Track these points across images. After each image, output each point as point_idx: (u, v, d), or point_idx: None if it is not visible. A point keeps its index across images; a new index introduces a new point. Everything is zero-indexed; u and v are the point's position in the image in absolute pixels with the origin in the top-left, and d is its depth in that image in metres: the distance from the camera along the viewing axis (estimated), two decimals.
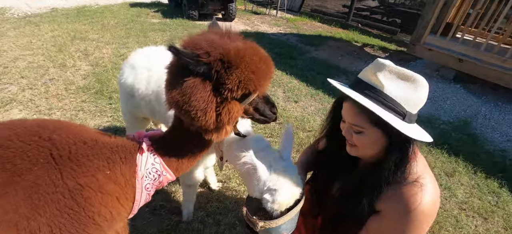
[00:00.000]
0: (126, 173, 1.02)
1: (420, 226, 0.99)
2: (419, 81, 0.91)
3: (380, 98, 0.92)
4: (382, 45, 6.73)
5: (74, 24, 5.26)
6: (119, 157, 1.02)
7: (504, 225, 2.14)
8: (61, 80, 3.46)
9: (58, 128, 0.97)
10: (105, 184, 0.95)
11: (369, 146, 1.01)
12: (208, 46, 0.87)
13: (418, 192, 0.96)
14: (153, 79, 1.56)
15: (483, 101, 4.02)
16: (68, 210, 0.91)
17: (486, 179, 2.56)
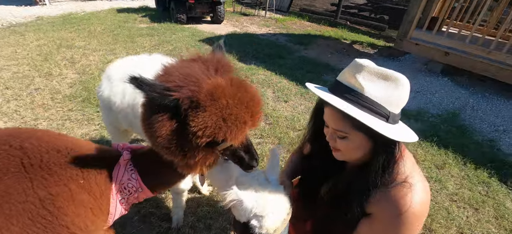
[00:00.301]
0: (101, 184, 0.99)
1: (412, 227, 0.97)
2: (400, 79, 0.89)
3: (361, 101, 0.89)
4: (371, 41, 6.79)
5: (60, 32, 5.17)
6: (95, 167, 0.98)
7: (495, 215, 2.16)
8: (47, 90, 3.39)
9: (31, 136, 0.94)
10: (78, 193, 0.92)
11: (353, 151, 1.00)
12: (181, 79, 0.77)
13: (408, 193, 0.94)
14: (127, 92, 1.50)
15: (470, 93, 4.08)
16: (41, 219, 0.89)
17: (475, 169, 2.59)
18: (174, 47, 4.79)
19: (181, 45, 4.94)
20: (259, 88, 3.68)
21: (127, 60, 1.69)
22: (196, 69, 0.82)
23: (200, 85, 0.77)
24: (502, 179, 2.52)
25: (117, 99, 1.53)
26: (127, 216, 1.85)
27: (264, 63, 4.43)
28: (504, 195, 2.36)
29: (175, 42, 5.05)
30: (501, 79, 3.89)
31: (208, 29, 6.30)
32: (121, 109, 1.53)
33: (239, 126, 0.81)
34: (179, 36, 5.42)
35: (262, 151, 2.51)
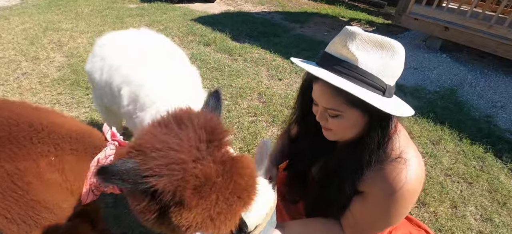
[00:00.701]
0: (74, 165, 0.94)
1: (406, 204, 0.95)
2: (396, 47, 0.81)
3: (356, 74, 0.81)
4: (369, 19, 6.62)
5: (46, 14, 4.97)
6: (70, 147, 0.94)
7: (489, 188, 2.16)
8: (35, 74, 3.29)
9: (1, 107, 0.91)
10: (48, 171, 0.89)
11: (348, 129, 0.92)
12: (162, 163, 0.63)
13: (403, 169, 0.90)
14: (105, 70, 1.45)
15: (469, 69, 4.01)
16: (12, 193, 0.87)
17: (471, 145, 2.57)
18: (165, 27, 4.64)
19: (172, 25, 4.78)
20: (254, 67, 3.59)
21: (110, 35, 1.62)
22: (184, 144, 0.66)
23: (185, 176, 0.63)
24: (497, 154, 2.51)
25: (97, 76, 1.49)
26: (120, 196, 1.82)
27: (258, 42, 4.31)
28: (499, 169, 2.36)
29: (166, 22, 4.89)
30: (501, 55, 3.82)
31: (200, 8, 6.09)
32: (99, 86, 1.50)
33: (229, 222, 0.71)
34: (170, 15, 5.23)
35: (256, 129, 2.47)
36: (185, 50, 3.97)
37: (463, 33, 3.92)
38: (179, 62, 1.54)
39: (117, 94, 1.40)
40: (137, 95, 1.33)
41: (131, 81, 1.36)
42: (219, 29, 4.73)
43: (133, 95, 1.35)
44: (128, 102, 1.36)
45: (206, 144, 0.68)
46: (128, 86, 1.36)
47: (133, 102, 1.35)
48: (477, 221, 1.91)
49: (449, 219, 1.86)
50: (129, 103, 1.36)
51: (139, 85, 1.33)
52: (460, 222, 1.87)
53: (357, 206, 1.02)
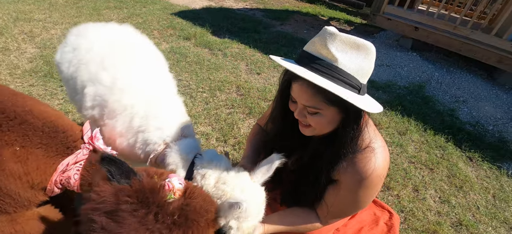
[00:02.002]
0: (39, 159, 0.93)
1: (374, 189, 1.05)
2: (369, 49, 0.87)
3: (335, 74, 0.84)
4: (348, 18, 6.84)
5: (16, 4, 4.74)
6: (40, 141, 0.93)
7: (448, 174, 2.35)
8: (4, 65, 3.15)
9: None
10: (9, 161, 0.88)
11: (326, 125, 0.98)
12: None
13: (372, 157, 0.99)
14: (73, 63, 1.32)
15: (436, 67, 4.28)
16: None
17: (434, 135, 2.77)
18: (144, 20, 4.57)
19: (152, 18, 4.72)
20: (233, 61, 3.63)
21: (92, 26, 1.48)
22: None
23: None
24: (457, 144, 2.72)
25: (64, 68, 1.37)
26: None
27: (238, 37, 4.35)
28: (458, 157, 2.56)
29: (146, 15, 4.81)
30: (465, 54, 4.10)
31: (181, 2, 6.04)
32: (66, 79, 1.38)
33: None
34: (150, 9, 5.16)
35: (233, 120, 2.52)
36: (165, 44, 3.94)
37: (431, 33, 4.18)
38: (158, 67, 1.43)
39: (80, 93, 1.27)
40: (105, 100, 1.19)
41: (99, 80, 1.20)
42: (199, 24, 4.72)
43: (99, 98, 1.20)
44: (92, 105, 1.22)
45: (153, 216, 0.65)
46: (94, 86, 1.21)
47: (99, 107, 1.21)
48: (436, 202, 2.08)
49: (410, 201, 2.01)
50: (93, 107, 1.22)
51: (108, 88, 1.19)
52: (420, 204, 2.02)
53: (331, 194, 1.10)
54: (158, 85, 1.32)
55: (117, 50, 1.33)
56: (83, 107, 1.24)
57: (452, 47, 4.13)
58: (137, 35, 1.51)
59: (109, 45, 1.34)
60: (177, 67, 3.28)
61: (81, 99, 1.25)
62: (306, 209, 1.20)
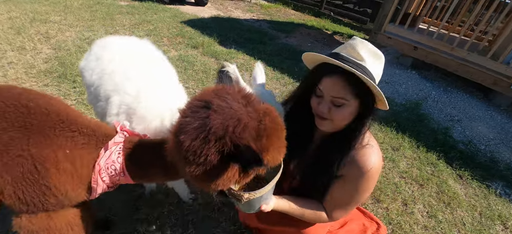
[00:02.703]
0: (84, 157, 1.07)
1: (373, 182, 1.19)
2: (383, 58, 1.06)
3: (364, 72, 1.00)
4: (351, 33, 7.02)
5: (33, 4, 4.96)
6: (82, 141, 1.07)
7: (437, 190, 2.46)
8: (20, 64, 3.32)
9: (37, 97, 1.04)
10: (62, 162, 1.02)
11: (346, 118, 1.09)
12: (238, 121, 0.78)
13: (372, 153, 1.13)
14: (96, 71, 1.44)
15: (434, 86, 4.42)
16: (29, 175, 0.99)
17: (426, 152, 2.89)
18: (154, 27, 4.76)
19: (162, 25, 4.91)
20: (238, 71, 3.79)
21: (113, 38, 1.62)
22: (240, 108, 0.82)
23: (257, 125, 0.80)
24: (448, 161, 2.84)
25: (87, 74, 1.50)
26: None
27: (244, 48, 4.53)
28: (448, 174, 2.68)
29: (156, 22, 5.01)
30: (461, 75, 4.24)
31: (191, 11, 6.26)
32: (87, 85, 1.53)
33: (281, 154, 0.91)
34: (161, 16, 5.37)
35: None
36: (173, 51, 4.12)
37: (429, 53, 4.33)
38: (173, 80, 1.57)
39: (104, 101, 1.38)
40: (133, 108, 1.31)
41: (126, 91, 1.32)
42: (207, 33, 4.91)
43: (125, 107, 1.32)
44: (118, 112, 1.33)
45: (250, 104, 0.83)
46: (119, 95, 1.33)
47: (125, 114, 1.33)
48: (424, 217, 2.20)
49: (399, 215, 2.13)
50: (118, 114, 1.34)
51: (136, 99, 1.32)
52: (408, 217, 2.14)
53: (337, 188, 1.22)
54: (174, 97, 1.46)
55: (141, 63, 1.48)
56: (109, 114, 1.36)
57: (449, 67, 4.27)
58: (155, 50, 1.66)
59: (133, 58, 1.49)
60: (184, 75, 3.45)
61: (106, 108, 1.38)
62: (312, 199, 1.29)
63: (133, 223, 1.76)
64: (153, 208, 1.84)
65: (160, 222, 1.78)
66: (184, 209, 1.87)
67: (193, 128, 0.76)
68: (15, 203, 1.02)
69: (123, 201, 1.86)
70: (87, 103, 2.79)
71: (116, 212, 1.80)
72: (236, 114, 0.76)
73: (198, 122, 0.77)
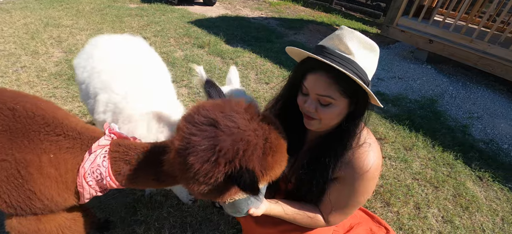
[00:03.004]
0: (68, 162, 1.03)
1: (373, 182, 1.11)
2: (377, 51, 0.95)
3: (351, 67, 0.90)
4: (363, 28, 6.80)
5: (47, 10, 5.13)
6: (67, 145, 1.04)
7: (454, 193, 2.30)
8: (33, 68, 3.42)
9: (26, 100, 1.02)
10: (46, 166, 0.99)
11: (335, 117, 1.01)
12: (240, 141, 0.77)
13: (370, 152, 1.06)
14: (87, 69, 1.47)
15: (452, 81, 4.17)
16: (14, 180, 0.98)
17: (443, 152, 2.72)
18: (162, 28, 4.79)
19: (169, 26, 4.94)
20: (243, 70, 3.74)
21: (103, 38, 1.66)
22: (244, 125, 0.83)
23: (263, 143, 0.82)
24: (467, 162, 2.65)
25: (79, 72, 1.53)
26: None
27: (250, 47, 4.47)
28: (466, 175, 2.50)
29: (164, 23, 5.05)
30: (481, 68, 3.98)
31: (199, 11, 6.27)
32: (79, 82, 1.55)
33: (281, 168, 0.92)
34: (169, 17, 5.40)
35: None
36: (180, 51, 4.13)
37: (446, 46, 4.09)
38: (165, 78, 1.59)
39: (92, 98, 1.41)
40: (120, 108, 1.32)
41: (112, 90, 1.33)
42: (214, 32, 4.89)
43: (111, 105, 1.33)
44: (105, 109, 1.35)
45: (254, 119, 0.83)
46: (106, 94, 1.34)
47: (112, 113, 1.34)
48: (438, 222, 2.05)
49: (410, 219, 1.99)
50: (105, 112, 1.35)
51: (123, 97, 1.32)
52: (421, 222, 2.00)
53: (333, 191, 1.15)
54: (162, 95, 1.46)
55: (131, 63, 1.48)
56: (95, 112, 1.38)
57: (468, 61, 4.01)
58: (146, 47, 1.66)
59: (123, 57, 1.50)
60: (189, 75, 3.43)
61: (94, 106, 1.39)
62: (308, 203, 1.22)
63: (132, 225, 1.74)
64: (152, 210, 1.82)
65: (158, 224, 1.75)
66: (183, 211, 1.84)
67: (202, 150, 0.74)
68: (2, 206, 1.01)
69: (123, 203, 1.85)
70: None
71: (116, 214, 1.79)
72: (245, 136, 0.76)
73: (206, 143, 0.75)
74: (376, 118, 3.12)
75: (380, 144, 2.73)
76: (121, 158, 1.05)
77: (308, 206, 1.21)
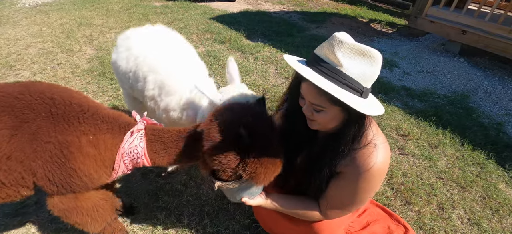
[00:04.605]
0: (108, 142, 1.18)
1: (374, 182, 1.12)
2: (375, 57, 0.93)
3: (339, 77, 0.92)
4: (390, 20, 6.50)
5: (80, 11, 5.48)
6: (107, 127, 1.18)
7: (483, 195, 2.16)
8: (68, 65, 3.70)
9: (61, 91, 1.16)
10: (86, 146, 1.12)
11: (329, 122, 1.06)
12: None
13: (373, 152, 1.07)
14: (131, 59, 1.74)
15: (487, 75, 3.88)
16: (57, 159, 1.11)
17: (472, 151, 2.56)
18: (185, 25, 4.94)
19: (192, 23, 5.07)
20: (263, 65, 3.76)
21: (132, 31, 1.89)
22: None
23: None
24: (500, 162, 2.47)
25: (122, 64, 1.78)
26: (131, 173, 2.10)
27: (271, 41, 4.46)
28: (498, 177, 2.34)
29: (187, 20, 5.19)
30: None
31: (220, 7, 6.35)
32: (124, 72, 1.80)
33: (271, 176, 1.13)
34: (192, 14, 5.54)
35: None
36: (201, 47, 4.23)
37: (481, 37, 3.80)
38: (191, 55, 1.86)
39: (142, 80, 1.72)
40: (163, 82, 1.65)
41: (157, 71, 1.67)
42: (235, 28, 4.94)
43: (159, 82, 1.67)
44: (153, 87, 1.69)
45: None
46: (154, 74, 1.68)
47: (158, 88, 1.69)
48: (464, 224, 1.95)
49: (433, 219, 1.91)
50: (154, 88, 1.69)
51: (166, 75, 1.65)
52: (444, 223, 1.91)
53: (333, 185, 1.19)
54: (194, 71, 1.76)
55: (165, 46, 1.77)
56: (146, 89, 1.71)
57: (506, 53, 3.70)
58: (171, 32, 1.92)
59: (157, 43, 1.79)
60: (210, 70, 3.50)
61: (143, 86, 1.72)
62: (309, 198, 1.29)
63: (154, 211, 1.85)
64: (173, 197, 1.92)
65: (178, 211, 1.85)
66: (201, 200, 1.92)
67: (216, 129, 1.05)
68: (46, 184, 1.15)
69: (146, 190, 1.97)
70: (121, 99, 3.01)
71: (139, 200, 1.91)
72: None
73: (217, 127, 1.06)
74: (400, 114, 3.00)
75: (404, 140, 2.62)
76: (157, 140, 1.23)
77: (305, 200, 1.27)
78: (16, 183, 1.09)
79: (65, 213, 1.24)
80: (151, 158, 1.24)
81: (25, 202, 1.84)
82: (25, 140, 1.05)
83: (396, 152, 2.51)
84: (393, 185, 2.14)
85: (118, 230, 1.53)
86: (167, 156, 1.25)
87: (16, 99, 1.06)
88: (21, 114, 1.06)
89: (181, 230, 1.74)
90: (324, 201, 1.23)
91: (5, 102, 1.05)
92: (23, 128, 1.05)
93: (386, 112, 2.99)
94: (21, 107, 1.06)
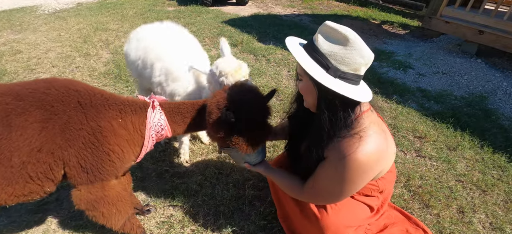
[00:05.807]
0: (135, 122, 1.28)
1: (354, 173, 1.15)
2: (350, 41, 1.02)
3: (313, 52, 1.09)
4: (403, 21, 6.40)
5: (97, 16, 5.65)
6: (130, 110, 1.27)
7: (505, 198, 2.09)
8: (86, 68, 3.81)
9: (81, 83, 1.24)
10: (118, 128, 1.22)
11: (307, 93, 1.18)
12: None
13: (356, 142, 1.10)
14: (140, 48, 1.94)
15: (506, 76, 3.76)
16: (90, 145, 1.17)
17: (493, 153, 2.48)
18: (197, 29, 5.01)
19: (205, 27, 5.14)
20: (276, 67, 3.77)
21: (144, 26, 2.10)
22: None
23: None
24: None
25: (131, 53, 1.99)
26: (147, 173, 2.13)
27: (282, 44, 4.47)
28: None
29: (199, 24, 5.27)
30: None
31: (232, 11, 6.42)
32: (133, 61, 1.99)
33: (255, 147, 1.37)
34: (204, 18, 5.62)
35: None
36: (214, 50, 4.28)
37: (499, 37, 3.69)
38: (196, 47, 2.01)
39: (149, 68, 1.90)
40: (170, 70, 1.82)
41: (163, 59, 1.84)
42: (247, 31, 4.98)
43: (164, 69, 1.84)
44: (160, 73, 1.85)
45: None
46: (160, 62, 1.84)
47: (165, 75, 1.84)
48: (486, 228, 1.88)
49: (453, 223, 1.86)
50: (160, 75, 1.86)
51: (171, 62, 1.82)
52: (465, 227, 1.86)
53: (319, 168, 1.26)
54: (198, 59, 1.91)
55: (171, 38, 1.96)
56: (153, 76, 1.88)
57: None
58: (176, 26, 2.10)
59: (164, 36, 1.98)
60: None
61: (151, 72, 1.90)
62: (298, 176, 1.42)
63: (170, 210, 1.88)
64: (188, 197, 1.94)
65: (194, 210, 1.86)
66: (216, 200, 1.93)
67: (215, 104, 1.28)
68: (78, 171, 1.20)
69: (162, 190, 2.00)
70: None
71: (156, 199, 1.94)
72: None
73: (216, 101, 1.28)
74: (416, 115, 2.94)
75: (420, 142, 2.57)
76: (176, 111, 1.39)
77: (295, 177, 1.42)
78: (43, 176, 1.14)
79: (93, 204, 1.28)
80: (172, 128, 1.39)
81: (46, 199, 1.90)
82: (56, 131, 1.11)
83: (413, 154, 2.46)
84: (411, 187, 2.09)
85: (137, 227, 1.56)
86: (184, 125, 1.42)
87: (44, 94, 1.12)
88: (51, 107, 1.11)
89: (196, 230, 1.76)
90: (311, 181, 1.30)
91: (33, 97, 1.10)
92: (54, 119, 1.11)
93: (402, 114, 2.93)
94: (50, 101, 1.11)
